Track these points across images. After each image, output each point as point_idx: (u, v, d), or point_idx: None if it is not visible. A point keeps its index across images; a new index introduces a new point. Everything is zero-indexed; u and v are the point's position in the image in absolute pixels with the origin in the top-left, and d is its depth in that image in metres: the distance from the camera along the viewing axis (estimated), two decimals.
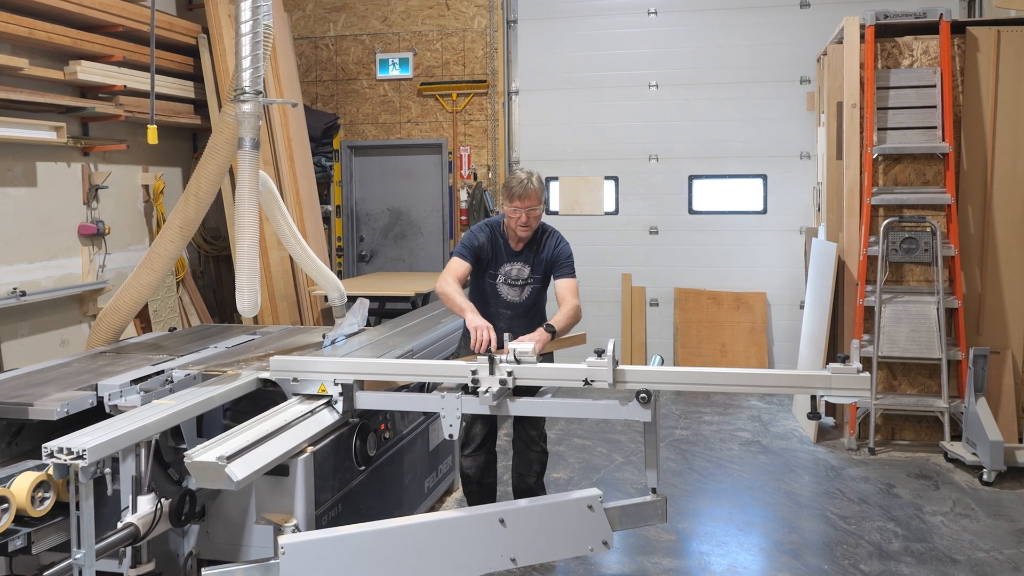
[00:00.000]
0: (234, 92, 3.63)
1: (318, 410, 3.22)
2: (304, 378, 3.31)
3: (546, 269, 3.89)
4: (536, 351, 3.16)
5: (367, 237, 8.59)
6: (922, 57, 5.71)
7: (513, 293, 3.89)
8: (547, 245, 3.89)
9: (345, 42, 8.37)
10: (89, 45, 5.69)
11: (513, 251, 3.88)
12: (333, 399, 3.27)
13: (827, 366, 2.94)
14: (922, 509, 4.60)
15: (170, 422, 2.88)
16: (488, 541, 2.84)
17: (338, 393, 3.26)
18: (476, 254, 3.85)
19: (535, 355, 3.08)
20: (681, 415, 6.49)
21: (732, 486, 4.99)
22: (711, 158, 7.73)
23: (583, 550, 2.91)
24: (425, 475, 4.21)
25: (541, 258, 3.88)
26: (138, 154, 6.66)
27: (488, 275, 3.90)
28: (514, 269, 3.88)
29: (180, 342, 4.27)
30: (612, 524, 2.92)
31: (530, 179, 3.73)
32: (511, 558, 2.84)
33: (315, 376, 3.29)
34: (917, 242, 5.61)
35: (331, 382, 3.26)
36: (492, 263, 3.88)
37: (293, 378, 3.32)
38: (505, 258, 3.88)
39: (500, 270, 3.88)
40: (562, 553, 2.96)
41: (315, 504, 3.04)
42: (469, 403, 3.05)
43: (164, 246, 4.07)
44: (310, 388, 3.30)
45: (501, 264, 3.88)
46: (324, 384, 3.27)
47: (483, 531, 2.85)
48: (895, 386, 5.74)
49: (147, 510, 2.75)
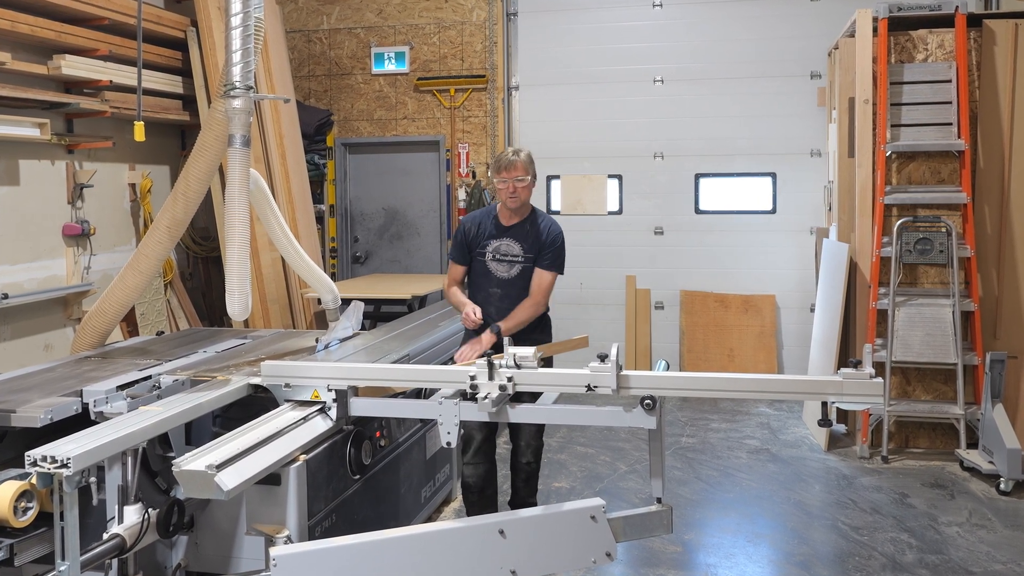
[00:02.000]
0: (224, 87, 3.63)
1: (311, 417, 3.22)
2: (296, 384, 3.31)
3: (540, 251, 4.04)
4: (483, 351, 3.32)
5: (362, 238, 8.60)
6: (937, 51, 5.72)
7: (503, 269, 4.05)
8: (543, 228, 4.06)
9: (339, 35, 8.39)
10: (74, 39, 5.70)
11: (504, 227, 4.07)
12: (327, 405, 3.27)
13: (839, 371, 2.93)
14: (937, 520, 4.60)
15: (158, 429, 2.89)
16: (487, 553, 2.84)
17: (332, 399, 3.26)
18: (465, 246, 4.12)
19: (536, 360, 3.09)
20: (687, 422, 6.49)
21: (740, 496, 5.00)
22: (718, 156, 7.74)
23: (586, 562, 2.91)
24: (422, 484, 4.21)
25: (535, 238, 4.04)
26: (124, 152, 6.67)
27: (477, 254, 4.10)
28: (503, 244, 4.06)
29: (168, 346, 4.28)
30: (616, 535, 2.90)
31: (517, 153, 3.98)
32: (511, 571, 2.83)
33: (308, 382, 3.29)
34: (932, 243, 5.62)
35: (324, 388, 3.26)
36: (479, 241, 4.08)
37: (285, 384, 3.32)
38: (494, 233, 4.07)
39: (488, 246, 4.07)
40: (564, 565, 2.95)
41: (308, 514, 3.05)
42: (468, 410, 3.05)
43: (151, 247, 4.07)
44: (303, 394, 3.31)
45: (490, 240, 4.07)
46: (317, 390, 3.28)
47: (482, 542, 2.85)
48: (909, 392, 5.74)
49: (134, 521, 2.76)
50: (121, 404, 3.16)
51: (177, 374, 3.51)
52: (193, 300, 7.39)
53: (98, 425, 2.86)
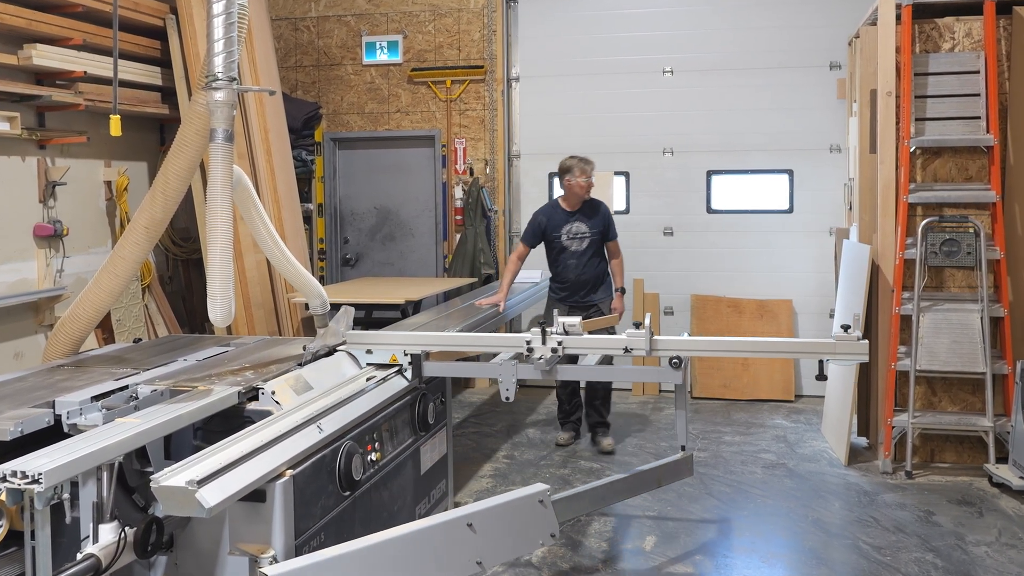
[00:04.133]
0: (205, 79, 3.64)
1: (390, 377, 4.02)
2: (378, 349, 4.17)
3: (602, 228, 6.05)
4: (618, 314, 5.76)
5: (352, 239, 8.62)
6: (964, 40, 5.73)
7: (575, 244, 6.03)
8: (601, 211, 6.11)
9: (328, 23, 8.41)
10: (45, 27, 5.71)
11: (570, 213, 6.05)
12: (403, 368, 4.10)
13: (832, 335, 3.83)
14: (964, 539, 4.60)
15: (135, 443, 2.88)
16: (459, 547, 3.15)
17: (407, 362, 4.08)
18: (540, 234, 6.11)
19: (580, 327, 3.95)
20: (699, 435, 6.50)
21: (754, 513, 5.00)
22: (731, 151, 7.75)
23: (536, 545, 3.44)
24: (416, 501, 4.21)
25: (596, 219, 6.06)
26: (100, 147, 6.68)
27: (554, 237, 6.05)
28: (574, 226, 6.04)
29: (146, 355, 4.28)
30: (659, 481, 4.13)
31: (588, 161, 6.06)
32: (477, 561, 3.17)
33: (387, 348, 4.16)
34: (959, 244, 5.62)
35: (401, 353, 4.10)
36: (553, 228, 6.04)
37: (367, 349, 4.16)
38: (565, 219, 6.05)
39: (562, 229, 6.03)
40: (519, 551, 3.45)
41: (295, 533, 3.05)
42: (524, 369, 3.88)
43: (128, 249, 4.08)
44: (383, 358, 4.15)
45: (561, 225, 6.04)
46: (395, 354, 4.12)
47: (454, 537, 3.15)
48: (934, 403, 5.74)
49: (110, 540, 2.76)
50: (96, 416, 3.16)
51: (156, 384, 3.51)
52: (172, 305, 7.39)
53: (71, 438, 2.86)
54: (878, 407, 5.85)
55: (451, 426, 4.72)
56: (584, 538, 4.58)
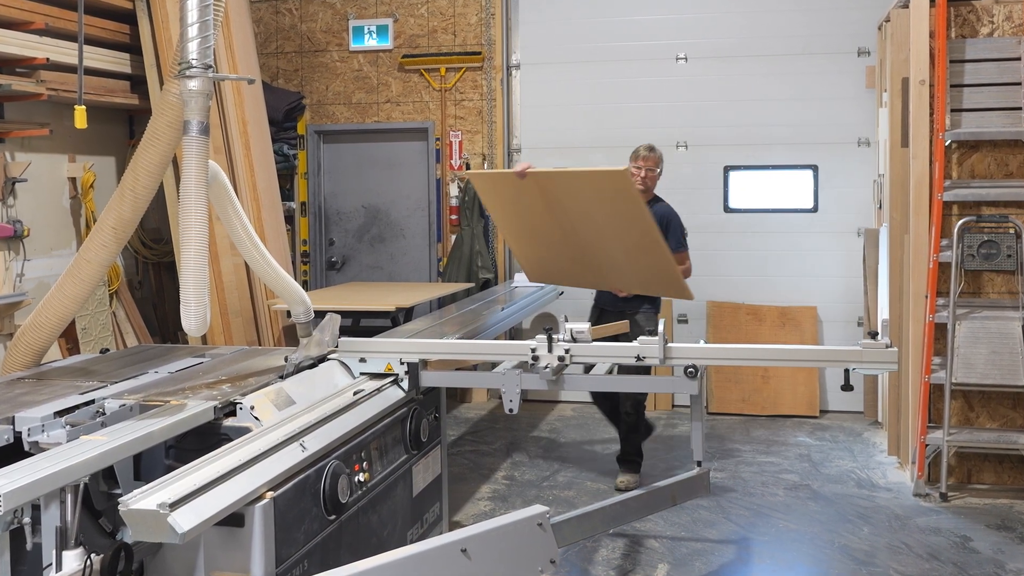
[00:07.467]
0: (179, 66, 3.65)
1: (385, 388, 4.02)
2: (371, 357, 4.17)
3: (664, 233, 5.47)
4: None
5: (338, 240, 8.63)
6: (1004, 24, 5.75)
7: None
8: (660, 213, 5.57)
9: (312, 6, 8.43)
10: (4, 9, 5.73)
11: None
12: (399, 378, 4.09)
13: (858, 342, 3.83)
14: (1004, 567, 4.60)
15: (102, 462, 2.89)
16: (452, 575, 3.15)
17: (404, 372, 4.08)
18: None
19: (589, 334, 3.95)
20: (715, 454, 6.50)
21: (776, 539, 5.00)
22: (751, 145, 7.77)
23: (534, 571, 3.38)
24: (408, 526, 4.22)
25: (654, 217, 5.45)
26: (63, 141, 6.70)
27: None
28: None
29: (114, 366, 4.29)
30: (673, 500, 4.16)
31: (652, 149, 5.84)
32: None
33: (382, 356, 4.16)
34: (998, 246, 5.63)
35: (397, 361, 4.09)
36: None
37: (360, 358, 4.16)
38: None
39: None
40: None
41: (276, 560, 3.05)
42: (529, 379, 3.92)
43: (94, 251, 4.09)
44: (377, 367, 4.15)
45: None
46: (390, 363, 4.11)
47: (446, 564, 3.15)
48: (972, 419, 5.75)
49: (74, 568, 2.76)
50: (59, 433, 3.17)
51: (124, 398, 3.51)
52: (142, 312, 7.40)
53: (33, 457, 2.86)
54: (909, 423, 5.86)
55: (446, 444, 4.72)
56: (590, 565, 4.58)
